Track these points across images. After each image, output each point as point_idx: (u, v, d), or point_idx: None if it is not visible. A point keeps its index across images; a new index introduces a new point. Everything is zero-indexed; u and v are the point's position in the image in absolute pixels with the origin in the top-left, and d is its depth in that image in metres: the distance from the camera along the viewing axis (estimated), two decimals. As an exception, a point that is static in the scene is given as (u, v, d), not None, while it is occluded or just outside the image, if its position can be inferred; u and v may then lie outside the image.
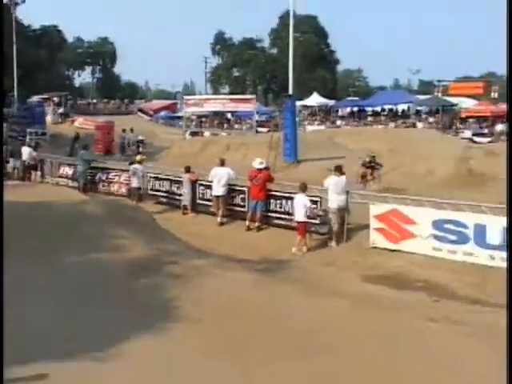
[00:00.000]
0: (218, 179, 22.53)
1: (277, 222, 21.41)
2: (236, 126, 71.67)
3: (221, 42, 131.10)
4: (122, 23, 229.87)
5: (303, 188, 19.75)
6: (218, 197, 22.59)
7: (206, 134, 60.43)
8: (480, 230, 16.82)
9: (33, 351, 9.96)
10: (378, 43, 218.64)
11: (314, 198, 19.69)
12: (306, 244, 19.20)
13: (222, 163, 23.12)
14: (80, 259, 16.06)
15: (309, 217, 19.38)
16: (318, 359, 10.17)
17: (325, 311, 13.06)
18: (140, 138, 47.44)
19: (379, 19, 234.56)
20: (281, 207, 21.37)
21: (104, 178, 28.57)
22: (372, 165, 28.65)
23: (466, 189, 26.14)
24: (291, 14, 39.90)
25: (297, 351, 10.52)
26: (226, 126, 70.12)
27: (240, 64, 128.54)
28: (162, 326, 11.49)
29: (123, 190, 27.43)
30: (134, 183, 26.08)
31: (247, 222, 21.61)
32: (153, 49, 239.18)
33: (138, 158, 27.71)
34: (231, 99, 61.85)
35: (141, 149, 43.48)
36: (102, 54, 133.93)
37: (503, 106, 78.38)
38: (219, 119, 71.55)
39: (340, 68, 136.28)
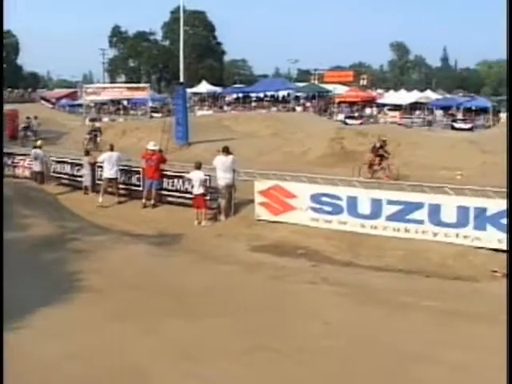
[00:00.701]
0: (112, 163, 22.25)
1: (170, 199, 21.35)
2: (132, 112, 70.95)
3: (117, 35, 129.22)
4: (25, 18, 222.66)
5: (198, 166, 19.91)
6: (110, 179, 22.31)
7: (105, 119, 59.53)
8: (352, 202, 17.20)
9: None
10: (260, 36, 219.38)
11: (204, 177, 19.68)
12: (198, 217, 19.22)
13: (112, 148, 22.97)
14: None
15: (204, 191, 19.44)
16: (210, 318, 10.23)
17: (217, 277, 13.16)
18: (97, 125, 41.44)
19: (261, 14, 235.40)
20: (173, 186, 21.32)
21: (9, 162, 27.73)
22: (381, 153, 25.31)
23: (339, 165, 26.65)
24: (181, 9, 39.93)
25: (191, 312, 10.56)
26: (122, 112, 69.25)
27: (135, 55, 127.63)
28: (67, 297, 11.31)
29: (27, 173, 26.69)
30: (36, 167, 25.47)
31: (143, 200, 21.46)
32: (53, 42, 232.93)
33: (38, 143, 27.04)
34: (127, 88, 61.78)
35: (98, 138, 38.59)
36: (5, 45, 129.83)
37: (371, 92, 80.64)
38: (116, 106, 70.67)
39: (226, 58, 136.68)
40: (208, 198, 19.68)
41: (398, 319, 10.31)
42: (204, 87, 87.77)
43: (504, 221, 15.17)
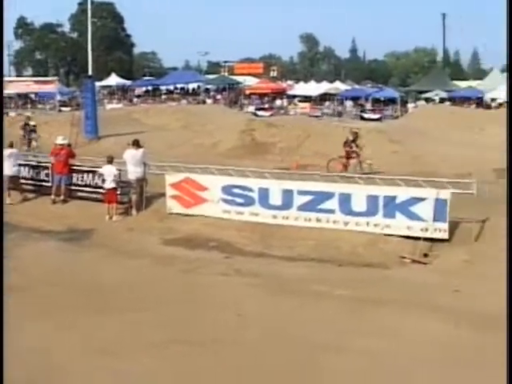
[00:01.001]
0: (12, 160, 21.71)
1: (80, 194, 21.04)
2: (40, 106, 69.49)
3: (23, 26, 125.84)
4: None
5: (110, 160, 19.70)
6: (11, 177, 21.74)
7: (12, 114, 58.09)
8: (264, 193, 17.29)
9: None
10: (169, 28, 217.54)
11: (116, 171, 19.47)
12: (110, 212, 19.02)
13: (12, 145, 22.39)
14: None
15: (116, 185, 19.24)
16: (122, 313, 10.16)
17: (129, 272, 13.14)
18: (32, 123, 35.40)
19: (171, 6, 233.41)
20: (82, 181, 21.03)
21: None
22: (352, 149, 24.11)
23: (250, 157, 26.79)
24: (89, 0, 39.27)
25: (103, 307, 10.46)
26: (30, 106, 67.75)
27: (42, 47, 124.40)
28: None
29: None
30: None
31: (52, 196, 21.05)
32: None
33: None
34: (34, 81, 60.56)
35: (34, 141, 35.04)
36: None
37: (282, 84, 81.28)
38: (23, 100, 69.15)
39: (136, 51, 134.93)
40: (119, 192, 19.49)
41: (310, 309, 10.45)
42: (113, 80, 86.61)
43: (413, 208, 15.58)
